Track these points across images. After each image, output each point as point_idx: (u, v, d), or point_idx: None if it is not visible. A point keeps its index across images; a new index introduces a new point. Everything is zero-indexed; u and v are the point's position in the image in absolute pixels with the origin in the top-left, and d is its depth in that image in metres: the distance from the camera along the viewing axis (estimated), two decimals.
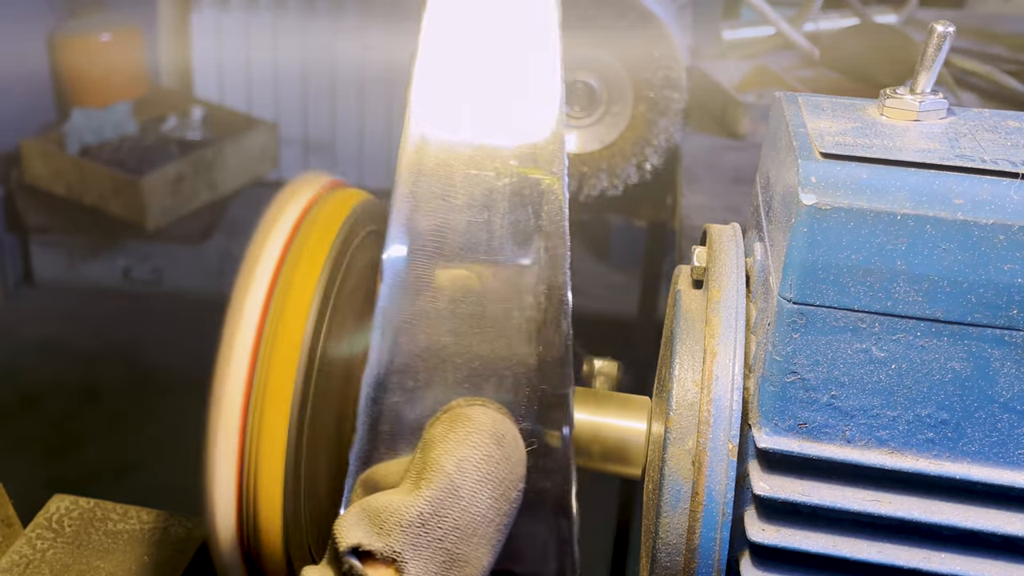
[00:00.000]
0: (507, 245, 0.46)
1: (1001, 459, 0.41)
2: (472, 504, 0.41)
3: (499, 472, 0.42)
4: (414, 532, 0.40)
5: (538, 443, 0.46)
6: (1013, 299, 0.38)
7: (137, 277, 3.41)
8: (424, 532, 0.40)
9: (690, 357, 0.44)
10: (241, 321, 0.46)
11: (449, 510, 0.41)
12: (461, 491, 0.41)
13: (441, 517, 0.40)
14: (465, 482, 0.41)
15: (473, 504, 0.41)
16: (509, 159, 0.47)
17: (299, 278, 0.47)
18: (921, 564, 0.41)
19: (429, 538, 0.40)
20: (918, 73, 0.44)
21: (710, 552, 0.43)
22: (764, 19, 1.46)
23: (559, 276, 0.46)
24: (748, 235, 0.51)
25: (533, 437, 0.45)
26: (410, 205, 0.46)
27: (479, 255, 0.46)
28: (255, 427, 0.45)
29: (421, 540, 0.40)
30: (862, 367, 0.40)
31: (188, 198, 3.33)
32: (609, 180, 1.04)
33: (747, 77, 1.34)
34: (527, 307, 0.46)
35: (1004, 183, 0.39)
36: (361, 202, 0.53)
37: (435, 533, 0.40)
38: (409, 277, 0.46)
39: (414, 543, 0.40)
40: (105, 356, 2.83)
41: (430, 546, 0.40)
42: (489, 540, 0.42)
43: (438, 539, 0.40)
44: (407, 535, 0.40)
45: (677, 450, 0.43)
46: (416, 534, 0.40)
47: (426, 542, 0.40)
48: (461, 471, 0.41)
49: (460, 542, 0.41)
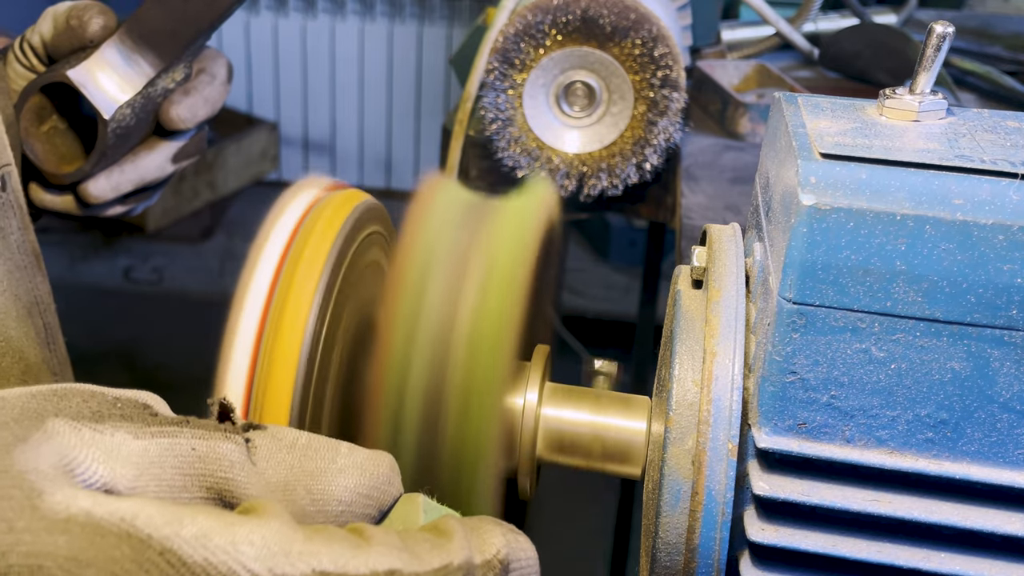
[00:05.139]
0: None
1: (1001, 459, 0.41)
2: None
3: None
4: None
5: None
6: (1013, 299, 0.38)
7: (137, 277, 3.42)
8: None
9: (690, 357, 0.45)
10: (241, 322, 0.46)
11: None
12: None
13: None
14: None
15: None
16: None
17: (299, 279, 0.47)
18: (921, 564, 0.41)
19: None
20: (917, 73, 0.44)
21: (710, 552, 0.43)
22: (764, 19, 1.46)
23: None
24: (748, 235, 0.51)
25: None
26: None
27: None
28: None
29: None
30: (862, 367, 0.40)
31: (188, 198, 3.34)
32: (609, 180, 1.04)
33: (747, 77, 1.34)
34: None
35: (1003, 183, 0.39)
36: (362, 202, 0.53)
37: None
38: None
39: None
40: (105, 356, 2.84)
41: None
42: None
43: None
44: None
45: (677, 450, 0.43)
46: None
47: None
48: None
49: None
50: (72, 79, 0.69)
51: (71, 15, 0.71)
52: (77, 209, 0.75)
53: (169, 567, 0.31)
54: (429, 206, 0.51)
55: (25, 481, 0.31)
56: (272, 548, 0.32)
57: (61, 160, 0.73)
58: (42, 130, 0.73)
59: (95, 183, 0.73)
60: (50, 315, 0.71)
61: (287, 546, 0.32)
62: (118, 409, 0.37)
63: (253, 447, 0.38)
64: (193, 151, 0.78)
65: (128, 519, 0.31)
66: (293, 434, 0.39)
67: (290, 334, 0.46)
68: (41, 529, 0.30)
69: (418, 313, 0.47)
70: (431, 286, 0.47)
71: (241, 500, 0.36)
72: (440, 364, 0.46)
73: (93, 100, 0.70)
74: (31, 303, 0.68)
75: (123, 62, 0.70)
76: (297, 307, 0.46)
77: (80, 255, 3.47)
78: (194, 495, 0.35)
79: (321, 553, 0.33)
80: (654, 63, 0.99)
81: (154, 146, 0.76)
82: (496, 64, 1.02)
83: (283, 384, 0.46)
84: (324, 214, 0.50)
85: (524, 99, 1.03)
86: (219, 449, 0.36)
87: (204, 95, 0.75)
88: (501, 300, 0.47)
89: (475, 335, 0.46)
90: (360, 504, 0.39)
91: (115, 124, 0.70)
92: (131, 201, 0.78)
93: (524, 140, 1.05)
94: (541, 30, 1.00)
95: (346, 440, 0.40)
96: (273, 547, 0.32)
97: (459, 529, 0.37)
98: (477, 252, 0.49)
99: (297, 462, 0.38)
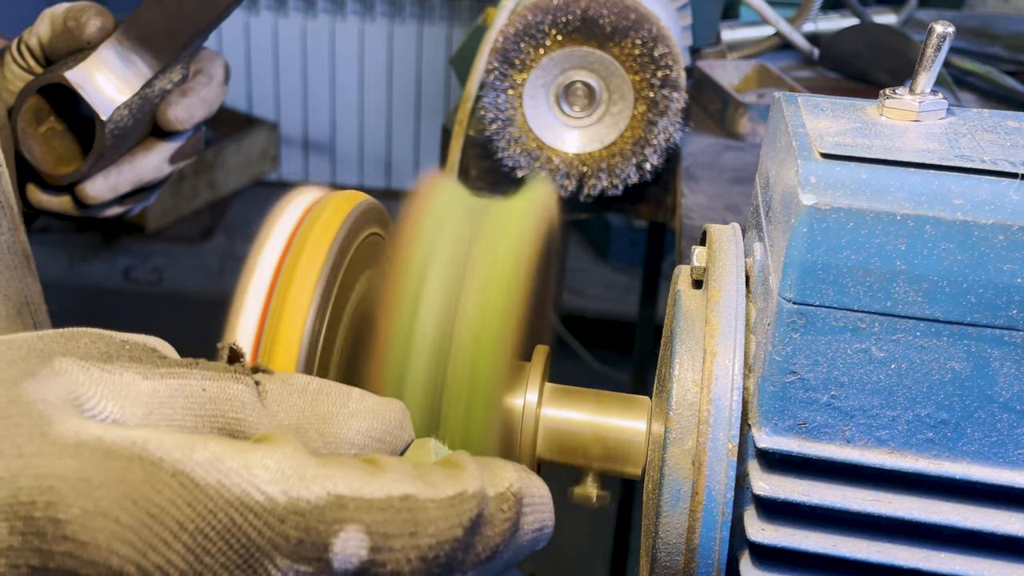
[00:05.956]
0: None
1: (1001, 459, 0.41)
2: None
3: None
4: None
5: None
6: (1013, 299, 0.38)
7: (137, 277, 3.42)
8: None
9: (690, 357, 0.45)
10: (241, 321, 0.46)
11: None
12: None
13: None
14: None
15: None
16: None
17: (299, 279, 0.47)
18: (921, 564, 0.41)
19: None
20: (917, 73, 0.44)
21: (710, 552, 0.43)
22: (764, 19, 1.46)
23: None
24: (748, 235, 0.51)
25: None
26: None
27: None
28: None
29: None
30: (862, 367, 0.40)
31: (188, 198, 3.34)
32: (609, 180, 1.04)
33: (747, 77, 1.34)
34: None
35: (1003, 183, 0.39)
36: (362, 202, 0.53)
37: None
38: None
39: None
40: None
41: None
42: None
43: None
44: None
45: (677, 450, 0.43)
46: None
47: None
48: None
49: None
50: (70, 80, 0.69)
51: (68, 17, 0.71)
52: (75, 210, 0.75)
53: (182, 488, 0.30)
54: (428, 205, 0.51)
55: (35, 410, 0.31)
56: (286, 471, 0.32)
57: (59, 161, 0.73)
58: (40, 131, 0.73)
59: (92, 184, 0.73)
60: (41, 315, 0.71)
61: (301, 470, 0.32)
62: (127, 351, 0.36)
63: (264, 390, 0.37)
64: (190, 152, 0.78)
65: (140, 443, 0.31)
66: (303, 379, 0.39)
67: (290, 334, 0.46)
68: (51, 453, 0.30)
69: (417, 313, 0.47)
70: (430, 286, 0.47)
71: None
72: (440, 364, 0.46)
73: (91, 101, 0.70)
74: (21, 303, 0.68)
75: (121, 63, 0.70)
76: (297, 307, 0.46)
77: (80, 255, 3.47)
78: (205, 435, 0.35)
79: (336, 477, 0.33)
80: (654, 63, 0.99)
81: (151, 147, 0.76)
82: (496, 64, 1.02)
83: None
84: (323, 214, 0.50)
85: (524, 99, 1.03)
86: (230, 390, 0.35)
87: (201, 96, 0.75)
88: (501, 300, 0.47)
89: (475, 335, 0.46)
90: (373, 448, 0.39)
91: (113, 125, 0.70)
92: (128, 202, 0.78)
93: (524, 140, 1.05)
94: (541, 30, 1.00)
95: None
96: (287, 470, 0.32)
97: (472, 462, 0.37)
98: (477, 252, 0.48)
99: (308, 405, 0.38)
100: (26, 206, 0.75)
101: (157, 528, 0.30)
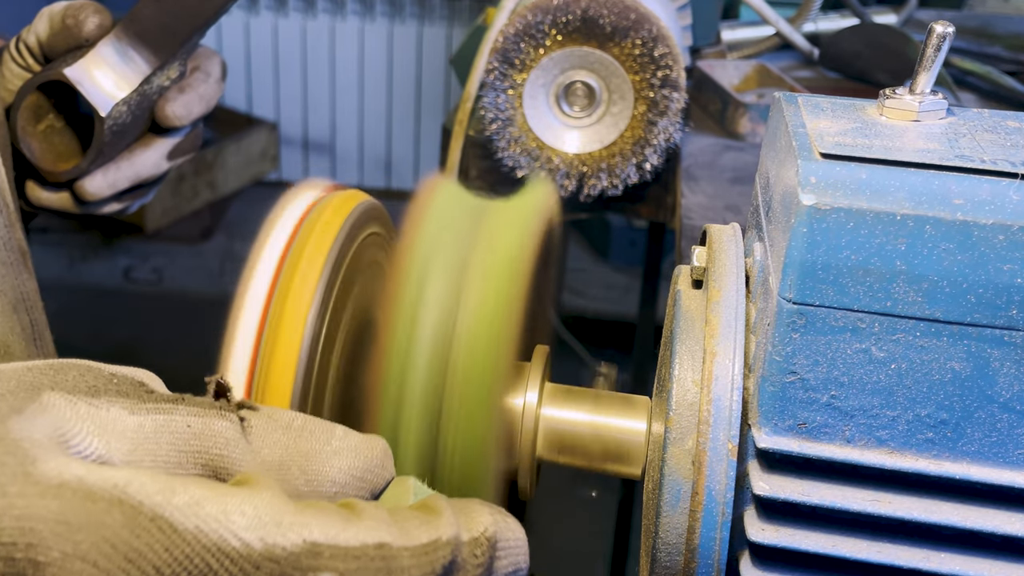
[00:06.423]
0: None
1: (1001, 459, 0.41)
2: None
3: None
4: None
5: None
6: (1013, 299, 0.38)
7: (137, 277, 3.42)
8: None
9: (690, 357, 0.45)
10: (241, 322, 0.46)
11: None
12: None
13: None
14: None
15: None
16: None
17: (299, 279, 0.47)
18: (921, 564, 0.41)
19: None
20: (917, 73, 0.44)
21: (710, 552, 0.43)
22: (764, 19, 1.46)
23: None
24: (748, 235, 0.51)
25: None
26: None
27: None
28: None
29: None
30: (862, 367, 0.40)
31: (188, 198, 3.34)
32: (609, 180, 1.04)
33: (747, 77, 1.34)
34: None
35: (1004, 183, 0.39)
36: (362, 202, 0.53)
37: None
38: None
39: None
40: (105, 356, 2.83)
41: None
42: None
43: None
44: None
45: (677, 450, 0.43)
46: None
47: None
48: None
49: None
50: (69, 77, 0.69)
51: (67, 14, 0.71)
52: (74, 207, 0.75)
53: (160, 533, 0.31)
54: (429, 206, 0.51)
55: (19, 448, 0.31)
56: (263, 518, 0.32)
57: (58, 158, 0.73)
58: (39, 128, 0.73)
59: (92, 180, 0.73)
60: (37, 312, 0.71)
61: (278, 516, 0.33)
62: (114, 385, 0.37)
63: (248, 426, 0.38)
64: (188, 148, 0.79)
65: (121, 486, 0.31)
66: (289, 415, 0.39)
67: (290, 334, 0.46)
68: (33, 494, 0.31)
69: (418, 313, 0.47)
70: (431, 286, 0.47)
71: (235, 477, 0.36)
72: (440, 364, 0.46)
73: (90, 98, 0.70)
74: (17, 299, 0.68)
75: (119, 60, 0.70)
76: (297, 307, 0.46)
77: (80, 255, 3.47)
78: (189, 472, 0.35)
79: (312, 524, 0.33)
80: (654, 63, 0.99)
81: (150, 143, 0.76)
82: (496, 64, 1.02)
83: (282, 384, 0.45)
84: (324, 214, 0.50)
85: (524, 99, 1.03)
86: (214, 426, 0.36)
87: (199, 92, 0.75)
88: (501, 300, 0.47)
89: (475, 335, 0.46)
90: (353, 486, 0.39)
91: (112, 121, 0.70)
92: (127, 198, 0.78)
93: (524, 140, 1.05)
94: (541, 30, 1.00)
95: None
96: (264, 517, 0.32)
97: (447, 507, 0.38)
98: (477, 252, 0.48)
99: (292, 442, 0.38)
100: (25, 204, 0.76)
101: (135, 573, 0.31)
